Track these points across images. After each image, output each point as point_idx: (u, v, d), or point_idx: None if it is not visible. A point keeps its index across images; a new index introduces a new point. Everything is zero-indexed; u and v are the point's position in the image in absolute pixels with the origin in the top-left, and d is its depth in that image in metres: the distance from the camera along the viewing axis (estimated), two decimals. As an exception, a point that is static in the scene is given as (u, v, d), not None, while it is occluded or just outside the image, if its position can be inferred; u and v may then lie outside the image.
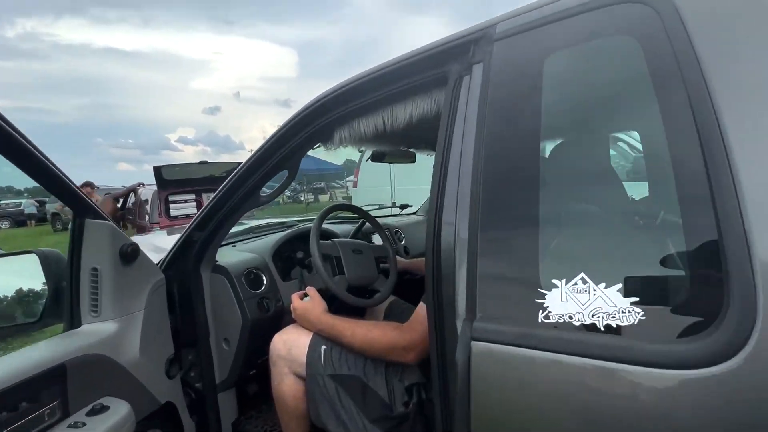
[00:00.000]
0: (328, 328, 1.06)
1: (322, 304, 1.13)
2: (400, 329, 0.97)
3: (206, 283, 1.31)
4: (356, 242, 1.45)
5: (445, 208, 0.71)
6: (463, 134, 0.71)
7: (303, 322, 1.13)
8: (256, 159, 1.09)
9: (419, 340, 0.92)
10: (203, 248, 1.25)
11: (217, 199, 1.17)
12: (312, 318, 1.10)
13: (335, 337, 1.05)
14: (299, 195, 16.12)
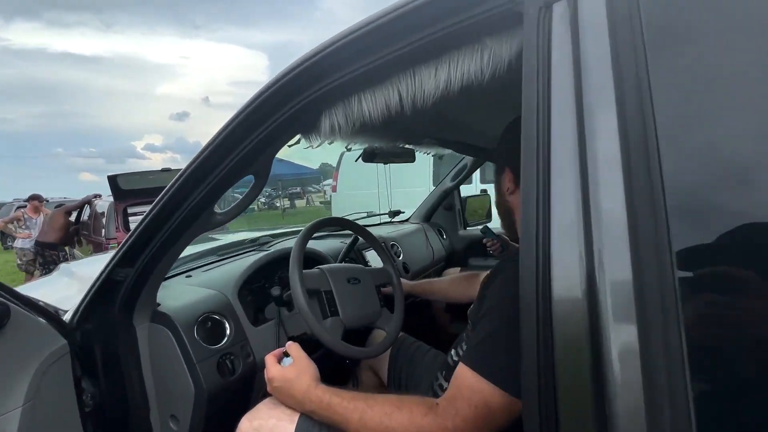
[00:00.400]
0: (324, 409, 0.71)
1: (310, 370, 0.77)
2: (436, 412, 0.62)
3: (143, 339, 0.93)
4: (351, 268, 1.10)
5: (554, 233, 0.38)
6: (582, 104, 0.38)
7: (285, 398, 0.77)
8: (200, 164, 0.73)
9: (470, 429, 0.60)
10: (134, 291, 0.87)
11: (148, 223, 0.80)
12: (298, 393, 0.74)
13: (335, 423, 0.70)
14: (274, 201, 15.51)
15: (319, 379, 0.76)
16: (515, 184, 0.77)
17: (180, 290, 1.08)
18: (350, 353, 0.92)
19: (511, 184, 0.77)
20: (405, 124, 1.16)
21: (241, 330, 0.99)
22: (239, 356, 0.96)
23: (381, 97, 0.63)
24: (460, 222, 2.31)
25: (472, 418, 0.60)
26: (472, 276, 1.29)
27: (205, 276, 1.21)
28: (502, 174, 0.81)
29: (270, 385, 0.77)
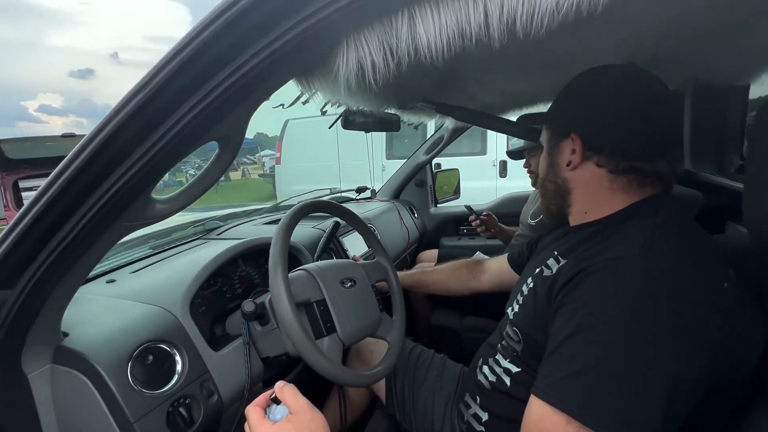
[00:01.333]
0: None
1: (317, 423, 0.53)
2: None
3: (42, 392, 0.61)
4: (342, 266, 0.85)
5: None
6: None
7: None
8: (125, 124, 0.43)
9: None
10: (20, 322, 0.55)
11: (37, 216, 0.48)
12: None
13: None
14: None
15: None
16: (582, 155, 0.60)
17: (100, 306, 0.75)
18: (356, 382, 0.70)
19: (576, 156, 0.61)
20: (407, 80, 0.91)
21: (197, 360, 0.71)
22: (198, 398, 0.68)
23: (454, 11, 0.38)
24: (431, 199, 2.14)
25: None
26: (474, 263, 1.12)
27: (136, 281, 0.88)
28: (559, 142, 0.64)
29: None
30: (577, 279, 0.51)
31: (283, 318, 0.64)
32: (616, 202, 0.59)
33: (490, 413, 0.65)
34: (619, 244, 0.53)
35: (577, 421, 0.43)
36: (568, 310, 0.50)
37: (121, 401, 0.59)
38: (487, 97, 1.19)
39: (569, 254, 0.59)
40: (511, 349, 0.65)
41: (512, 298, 0.70)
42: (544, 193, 0.70)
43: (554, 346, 0.50)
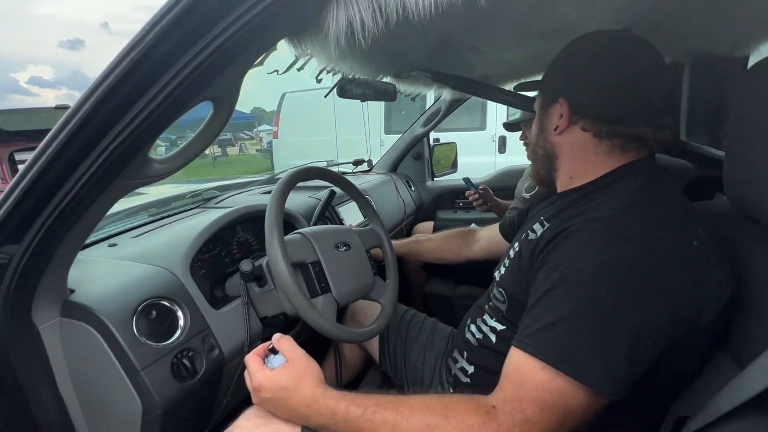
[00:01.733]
0: (338, 423, 0.52)
1: (312, 371, 0.57)
2: (497, 419, 0.48)
3: (52, 341, 0.65)
4: (337, 231, 0.88)
5: None
6: None
7: (281, 411, 0.56)
8: (120, 83, 0.44)
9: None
10: (27, 277, 0.58)
11: (38, 174, 0.50)
12: (300, 404, 0.54)
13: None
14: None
15: (324, 382, 0.57)
16: (569, 120, 0.61)
17: (104, 267, 0.79)
18: (348, 338, 0.74)
19: (563, 120, 0.62)
20: (400, 46, 0.91)
21: (199, 317, 0.75)
22: (200, 351, 0.72)
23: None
24: (428, 172, 2.15)
25: (546, 423, 0.47)
26: (467, 232, 1.15)
27: (137, 244, 0.91)
28: (548, 108, 0.65)
29: (257, 396, 0.57)
30: (558, 239, 0.54)
31: (279, 275, 0.67)
32: (601, 167, 0.61)
33: (475, 366, 0.69)
34: (599, 206, 0.55)
35: (550, 367, 0.47)
36: (548, 268, 0.53)
37: (127, 351, 0.63)
38: (486, 66, 1.18)
39: (554, 218, 0.62)
40: (497, 309, 0.69)
41: (500, 263, 0.73)
42: (534, 159, 0.72)
43: (534, 301, 0.53)
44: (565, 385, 0.46)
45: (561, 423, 0.47)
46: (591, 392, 0.46)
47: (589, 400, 0.47)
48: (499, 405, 0.49)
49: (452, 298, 1.50)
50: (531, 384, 0.48)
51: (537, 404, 0.47)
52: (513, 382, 0.50)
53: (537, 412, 0.47)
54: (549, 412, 0.47)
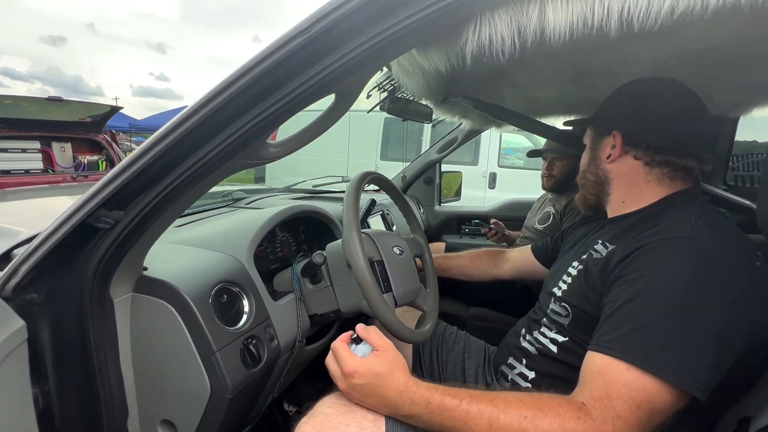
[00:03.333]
0: (433, 413, 0.54)
1: (402, 362, 0.59)
2: (590, 414, 0.50)
3: (122, 317, 0.64)
4: (394, 236, 0.92)
5: None
6: None
7: (370, 398, 0.57)
8: (260, 78, 0.49)
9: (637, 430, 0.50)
10: (122, 247, 0.58)
11: (165, 148, 0.52)
12: (393, 392, 0.55)
13: (448, 430, 0.54)
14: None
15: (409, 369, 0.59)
16: (621, 149, 0.71)
17: (165, 250, 0.78)
18: (410, 336, 0.76)
19: (616, 150, 0.71)
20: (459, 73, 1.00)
21: (262, 306, 0.75)
22: (263, 340, 0.72)
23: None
24: (437, 197, 2.23)
25: (634, 420, 0.50)
26: (496, 252, 1.20)
27: (187, 233, 0.91)
28: (602, 139, 0.75)
29: (348, 381, 0.57)
30: (634, 255, 0.59)
31: (357, 268, 0.69)
32: (652, 193, 0.69)
33: (537, 372, 0.72)
34: (668, 227, 0.61)
35: (637, 368, 0.51)
36: (626, 281, 0.58)
37: (206, 330, 0.63)
38: (514, 102, 1.29)
39: (617, 240, 0.67)
40: (557, 322, 0.72)
41: (554, 280, 0.77)
42: (584, 184, 0.79)
43: (612, 310, 0.57)
44: (651, 384, 0.50)
45: (647, 421, 0.51)
46: (677, 391, 0.50)
47: (674, 399, 0.51)
48: (588, 402, 0.52)
49: (465, 319, 1.53)
50: (618, 383, 0.52)
51: (626, 402, 0.50)
52: (598, 382, 0.53)
53: (626, 409, 0.50)
54: (637, 409, 0.50)
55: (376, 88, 1.18)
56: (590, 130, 0.80)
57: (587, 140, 0.80)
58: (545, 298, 0.80)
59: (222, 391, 0.63)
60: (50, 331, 0.59)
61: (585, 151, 0.80)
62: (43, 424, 0.59)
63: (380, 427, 0.56)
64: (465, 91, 1.21)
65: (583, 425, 0.50)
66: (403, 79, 0.91)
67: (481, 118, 1.57)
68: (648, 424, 0.51)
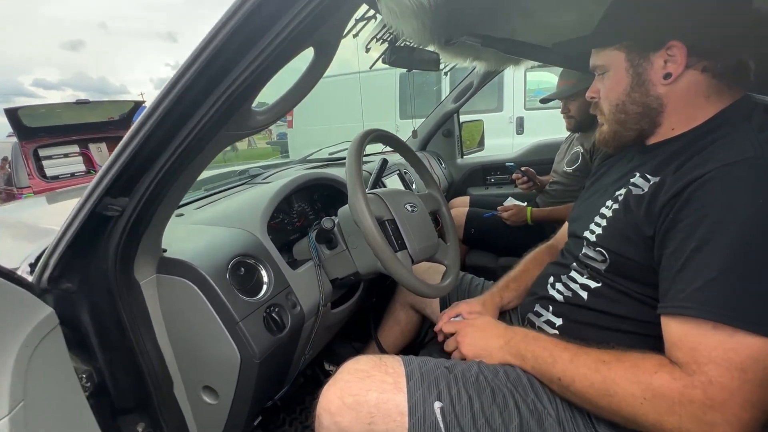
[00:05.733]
0: (530, 341, 0.61)
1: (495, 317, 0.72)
2: (673, 373, 0.46)
3: (151, 297, 0.68)
4: (406, 193, 0.89)
5: None
6: None
7: (487, 342, 0.66)
8: (230, 39, 0.46)
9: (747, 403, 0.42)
10: (135, 231, 0.60)
11: (152, 128, 0.51)
12: (501, 333, 0.66)
13: (540, 359, 0.58)
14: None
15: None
16: (685, 63, 0.56)
17: (183, 231, 0.81)
18: (427, 291, 0.76)
19: (677, 66, 0.56)
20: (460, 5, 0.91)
21: (280, 275, 0.77)
22: (285, 307, 0.75)
23: None
24: (458, 150, 2.15)
25: (744, 385, 0.42)
26: (549, 248, 1.00)
27: (205, 213, 0.94)
28: (647, 56, 0.59)
29: (465, 334, 0.67)
30: (690, 190, 0.50)
31: (366, 228, 0.68)
32: (707, 111, 0.57)
33: (564, 318, 0.68)
34: (725, 149, 0.51)
35: (724, 325, 0.43)
36: (687, 225, 0.49)
37: (226, 302, 0.65)
38: (528, 33, 1.17)
39: (661, 170, 0.57)
40: (591, 267, 0.65)
41: (584, 222, 0.69)
42: (623, 120, 0.63)
43: (681, 263, 0.48)
44: (749, 340, 0.43)
45: (760, 385, 0.42)
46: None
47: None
48: (675, 365, 0.47)
49: (495, 269, 1.51)
50: (706, 346, 0.44)
51: (719, 365, 0.43)
52: (682, 349, 0.47)
53: (722, 374, 0.43)
54: (740, 372, 0.42)
55: (374, 40, 1.11)
56: (620, 50, 0.61)
57: (616, 63, 0.62)
58: (575, 242, 0.72)
59: (251, 357, 0.67)
60: (90, 315, 0.64)
61: (614, 79, 0.63)
62: (101, 396, 0.66)
63: (402, 389, 0.57)
64: (470, 28, 1.11)
65: (662, 379, 0.46)
66: (396, 24, 0.85)
67: (495, 56, 1.46)
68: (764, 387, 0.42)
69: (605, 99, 0.65)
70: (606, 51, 0.64)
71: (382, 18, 0.91)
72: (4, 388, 0.38)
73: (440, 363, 0.61)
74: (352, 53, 1.43)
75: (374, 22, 1.01)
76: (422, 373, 0.58)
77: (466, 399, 0.55)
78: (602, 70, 0.65)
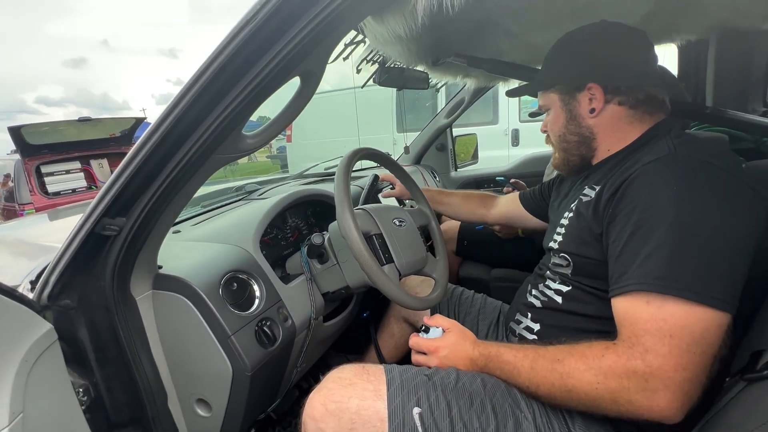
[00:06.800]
0: (493, 359, 0.63)
1: (468, 331, 0.69)
2: (617, 351, 0.52)
3: (146, 313, 0.70)
4: (393, 208, 0.93)
5: None
6: None
7: (456, 360, 0.66)
8: (223, 68, 0.50)
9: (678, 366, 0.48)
10: (132, 249, 0.63)
11: (148, 153, 0.55)
12: (469, 351, 0.66)
13: (506, 374, 0.61)
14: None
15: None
16: (603, 100, 0.67)
17: (179, 248, 0.84)
18: (414, 304, 0.78)
19: (597, 102, 0.68)
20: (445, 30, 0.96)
21: (272, 289, 0.80)
22: (277, 321, 0.77)
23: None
24: (452, 163, 2.19)
25: (672, 351, 0.48)
26: (487, 197, 1.20)
27: (201, 230, 0.97)
28: (575, 96, 0.71)
29: (436, 357, 0.66)
30: (622, 189, 0.58)
31: (352, 242, 0.71)
32: (634, 133, 0.68)
33: (541, 323, 0.72)
34: (648, 153, 0.61)
35: (656, 296, 0.49)
36: (623, 216, 0.56)
37: (219, 317, 0.68)
38: (514, 52, 1.22)
39: (603, 180, 0.66)
40: (560, 273, 0.71)
41: (550, 235, 0.77)
42: (566, 147, 0.74)
43: (619, 249, 0.56)
44: (675, 308, 0.48)
45: (691, 351, 0.48)
46: (706, 310, 0.48)
47: (709, 322, 0.48)
48: (618, 343, 0.52)
49: (488, 281, 1.53)
50: (642, 319, 0.50)
51: (653, 335, 0.49)
52: (625, 326, 0.52)
53: (656, 342, 0.48)
54: (670, 339, 0.48)
55: (364, 62, 1.16)
56: (554, 93, 0.74)
57: (554, 103, 0.74)
58: (546, 254, 0.80)
59: (242, 370, 0.69)
60: (88, 331, 0.66)
61: (554, 115, 0.75)
62: (97, 410, 0.68)
63: (382, 397, 0.59)
64: (456, 49, 1.16)
65: (609, 361, 0.51)
66: (383, 48, 0.89)
67: (484, 74, 1.51)
68: (697, 353, 0.48)
69: (551, 131, 0.77)
70: (545, 94, 0.76)
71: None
72: (4, 400, 0.41)
73: (420, 371, 0.63)
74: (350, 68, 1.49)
75: (363, 46, 1.06)
76: (402, 381, 0.60)
77: (445, 405, 0.57)
78: (545, 109, 0.77)
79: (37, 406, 0.45)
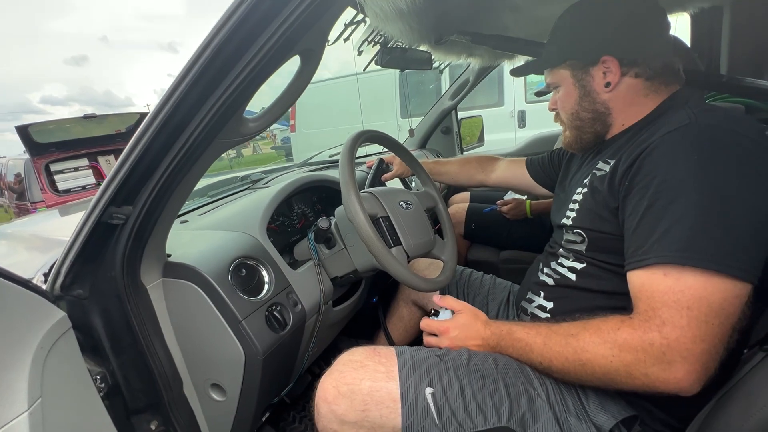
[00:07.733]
0: (505, 337, 0.63)
1: (478, 311, 0.69)
2: (632, 325, 0.51)
3: (158, 300, 0.71)
4: (400, 191, 0.91)
5: None
6: None
7: (468, 340, 0.66)
8: (219, 50, 0.48)
9: (696, 338, 0.47)
10: (139, 238, 0.63)
11: (150, 140, 0.54)
12: (481, 330, 0.66)
13: (519, 351, 0.61)
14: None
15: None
16: (620, 73, 0.65)
17: (187, 236, 0.84)
18: (422, 285, 0.78)
19: (613, 75, 0.65)
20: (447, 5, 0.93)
21: (281, 275, 0.80)
22: (287, 306, 0.77)
23: None
24: (457, 146, 2.16)
25: (690, 323, 0.47)
26: (486, 159, 1.18)
27: (208, 219, 0.97)
28: (588, 71, 0.68)
29: (447, 338, 0.66)
30: (639, 160, 0.56)
31: (359, 225, 0.71)
32: (650, 105, 0.66)
33: (555, 302, 0.71)
34: (666, 123, 0.58)
35: (674, 267, 0.48)
36: (639, 189, 0.55)
37: (229, 303, 0.68)
38: (520, 27, 1.18)
39: (618, 153, 0.64)
40: (573, 251, 0.70)
41: (562, 212, 0.74)
42: (579, 126, 0.72)
43: (636, 222, 0.54)
44: (694, 280, 0.47)
45: (709, 323, 0.47)
46: (727, 281, 0.46)
47: (729, 292, 0.47)
48: (634, 316, 0.52)
49: (497, 263, 1.52)
50: (659, 291, 0.49)
51: (671, 307, 0.48)
52: (641, 299, 0.52)
53: (674, 314, 0.47)
54: (688, 311, 0.47)
55: (365, 43, 1.14)
56: (565, 68, 0.71)
57: (564, 79, 0.71)
58: (557, 231, 0.78)
59: (254, 354, 0.69)
60: (101, 320, 0.67)
61: (565, 92, 0.72)
62: (115, 397, 0.69)
63: (394, 377, 0.59)
64: (459, 26, 1.13)
65: (624, 334, 0.50)
66: (384, 27, 0.87)
67: (489, 52, 1.47)
68: (715, 324, 0.47)
69: (562, 110, 0.75)
70: (555, 70, 0.73)
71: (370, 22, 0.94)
72: (22, 385, 0.41)
73: (432, 352, 0.63)
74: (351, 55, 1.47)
75: (364, 26, 1.03)
76: (414, 362, 0.60)
77: (457, 384, 0.57)
78: (555, 86, 0.75)
79: (55, 392, 0.46)
